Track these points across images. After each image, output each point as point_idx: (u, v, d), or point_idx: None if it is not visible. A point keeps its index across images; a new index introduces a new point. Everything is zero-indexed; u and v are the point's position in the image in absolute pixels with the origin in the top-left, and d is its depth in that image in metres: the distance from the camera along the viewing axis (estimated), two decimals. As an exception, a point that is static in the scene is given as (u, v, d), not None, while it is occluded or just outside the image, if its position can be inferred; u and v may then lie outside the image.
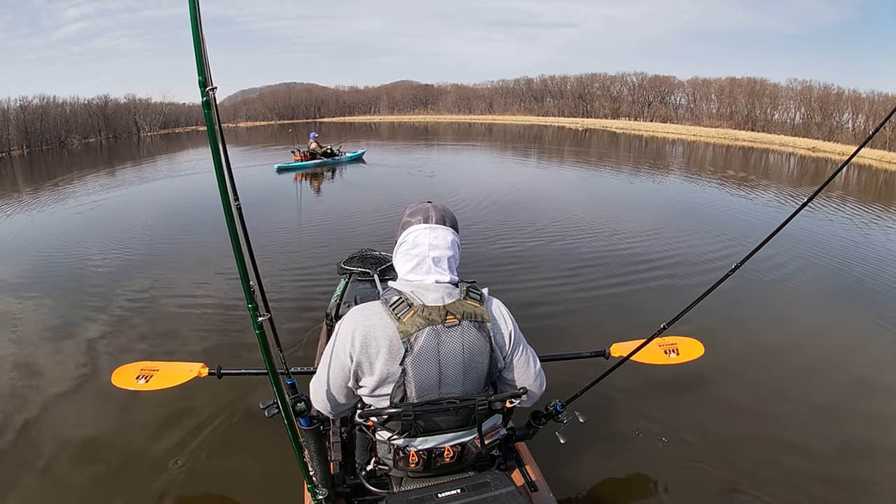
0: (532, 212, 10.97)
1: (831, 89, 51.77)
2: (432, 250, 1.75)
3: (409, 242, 1.78)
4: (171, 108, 70.49)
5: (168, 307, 5.89)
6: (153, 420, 3.75)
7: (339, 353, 1.73)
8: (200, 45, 1.20)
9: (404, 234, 1.80)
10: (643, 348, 2.43)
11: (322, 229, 9.76)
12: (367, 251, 4.35)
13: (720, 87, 61.17)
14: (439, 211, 1.81)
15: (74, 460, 3.40)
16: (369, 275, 3.85)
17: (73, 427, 3.74)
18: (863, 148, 2.22)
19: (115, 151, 35.65)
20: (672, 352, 2.98)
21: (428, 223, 1.77)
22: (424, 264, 1.75)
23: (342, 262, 4.17)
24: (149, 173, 21.60)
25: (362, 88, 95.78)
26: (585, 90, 73.09)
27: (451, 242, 1.79)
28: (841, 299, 6.57)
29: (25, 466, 3.35)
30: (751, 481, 3.25)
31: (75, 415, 3.90)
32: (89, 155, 33.26)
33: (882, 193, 19.25)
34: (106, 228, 10.36)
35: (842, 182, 19.50)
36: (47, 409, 3.97)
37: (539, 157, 27.05)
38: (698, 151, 33.40)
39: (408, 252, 1.78)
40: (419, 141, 37.69)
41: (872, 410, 4.10)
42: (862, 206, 13.79)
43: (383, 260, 4.15)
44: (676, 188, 16.61)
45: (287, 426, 1.67)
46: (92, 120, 54.79)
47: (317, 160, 19.49)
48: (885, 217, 12.58)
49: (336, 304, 3.55)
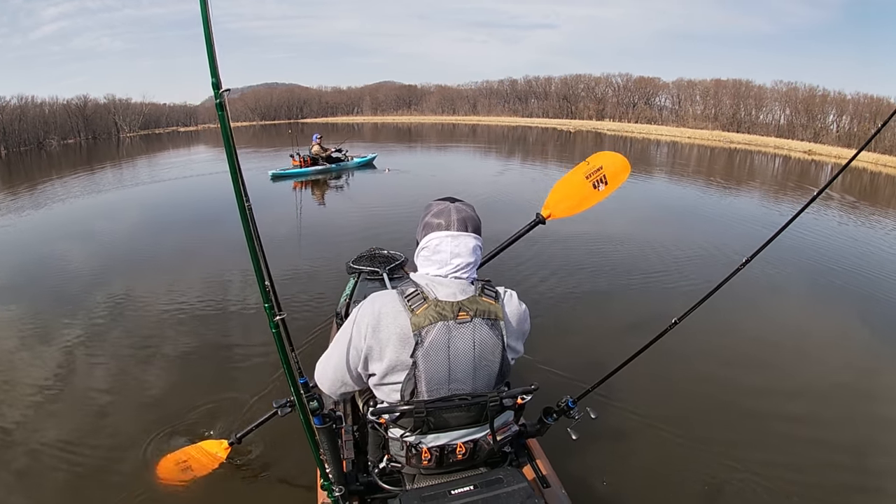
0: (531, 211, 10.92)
1: (816, 91, 52.63)
2: (454, 258, 1.74)
3: (431, 249, 1.76)
4: (152, 108, 69.61)
5: (148, 312, 5.78)
6: (167, 419, 3.77)
7: (354, 335, 1.73)
8: (212, 48, 1.21)
9: (426, 239, 1.78)
10: (573, 191, 2.48)
11: (323, 242, 9.30)
12: (376, 250, 4.38)
13: (705, 88, 61.88)
14: (462, 214, 1.78)
15: (88, 460, 3.39)
16: (378, 274, 3.87)
17: (75, 430, 3.68)
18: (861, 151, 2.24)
19: (94, 153, 35.11)
20: (601, 182, 2.70)
21: (449, 230, 1.75)
22: (444, 269, 1.75)
23: (351, 262, 4.19)
24: (129, 177, 20.56)
25: (345, 89, 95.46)
26: (570, 91, 73.55)
27: (473, 248, 1.77)
28: (833, 295, 6.78)
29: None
30: (768, 478, 3.27)
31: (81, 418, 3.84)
32: (68, 156, 32.76)
33: (867, 193, 19.61)
34: (85, 232, 10.19)
35: (837, 184, 19.76)
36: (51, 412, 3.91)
37: (546, 159, 27.07)
38: (700, 155, 33.78)
39: (429, 258, 1.77)
40: (404, 142, 37.65)
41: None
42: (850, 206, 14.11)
43: (392, 259, 4.18)
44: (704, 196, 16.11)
45: (304, 424, 1.67)
46: (71, 121, 53.93)
47: (319, 166, 17.21)
48: (868, 213, 12.83)
49: (346, 303, 3.59)
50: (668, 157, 30.87)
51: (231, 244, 7.83)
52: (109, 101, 61.64)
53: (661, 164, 26.67)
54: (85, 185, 17.28)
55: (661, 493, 3.20)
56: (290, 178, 16.22)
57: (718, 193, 16.23)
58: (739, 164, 28.75)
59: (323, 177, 16.87)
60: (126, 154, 32.92)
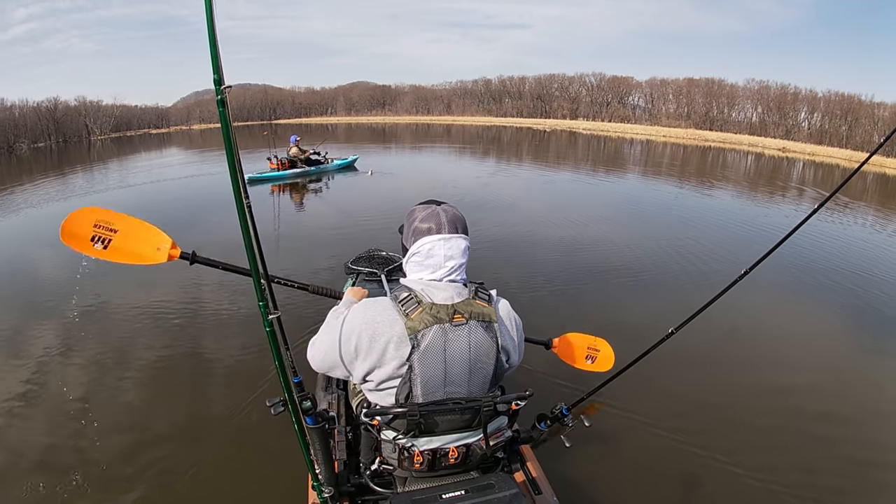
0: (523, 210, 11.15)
1: (788, 89, 53.66)
2: (448, 260, 1.75)
3: (423, 253, 1.76)
4: (123, 110, 68.24)
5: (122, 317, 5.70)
6: (163, 415, 3.82)
7: (345, 340, 1.73)
8: (215, 45, 1.20)
9: (418, 244, 1.77)
10: (575, 347, 2.52)
11: (300, 250, 9.03)
12: (375, 251, 4.37)
13: (678, 87, 62.66)
14: (450, 216, 1.79)
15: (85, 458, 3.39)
16: (377, 275, 3.86)
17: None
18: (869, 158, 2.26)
19: (65, 156, 34.39)
20: (590, 358, 2.95)
21: (441, 233, 1.75)
22: (438, 272, 1.75)
23: (349, 262, 4.19)
24: (100, 181, 19.80)
25: (318, 89, 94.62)
26: (544, 91, 73.94)
27: (464, 249, 1.79)
28: (823, 294, 6.92)
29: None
30: (766, 485, 3.29)
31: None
32: (39, 160, 32.02)
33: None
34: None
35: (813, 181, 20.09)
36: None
37: (531, 159, 27.16)
38: (677, 153, 34.14)
39: (421, 263, 1.77)
40: (379, 143, 37.48)
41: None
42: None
43: (391, 260, 4.18)
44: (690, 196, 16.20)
45: (294, 424, 1.66)
46: (41, 124, 52.77)
47: (298, 169, 16.66)
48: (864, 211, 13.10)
49: None
50: (645, 156, 31.23)
51: (210, 245, 7.67)
52: (80, 103, 60.39)
53: (645, 163, 26.95)
54: (58, 190, 16.82)
55: (655, 502, 3.22)
56: (268, 182, 15.67)
57: (712, 195, 16.20)
58: (724, 164, 29.03)
59: (302, 180, 16.39)
60: (97, 157, 32.20)
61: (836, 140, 44.71)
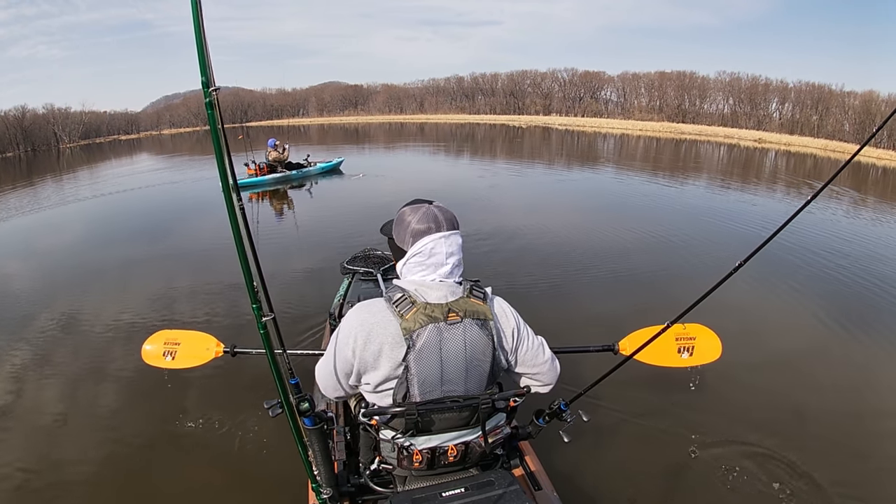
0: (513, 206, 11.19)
1: (759, 80, 54.48)
2: (449, 257, 1.74)
3: (426, 253, 1.73)
4: (92, 117, 66.91)
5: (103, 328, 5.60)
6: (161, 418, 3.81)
7: (341, 349, 1.72)
8: (203, 47, 1.19)
9: (418, 245, 1.74)
10: (654, 343, 2.33)
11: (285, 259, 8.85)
12: (371, 251, 4.37)
13: (650, 80, 63.25)
14: (445, 214, 1.79)
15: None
16: (372, 274, 3.86)
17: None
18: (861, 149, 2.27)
19: (34, 166, 33.75)
20: (686, 351, 2.58)
21: (441, 231, 1.74)
22: (441, 270, 1.74)
23: (345, 262, 4.19)
24: (70, 191, 19.05)
25: (290, 91, 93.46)
26: (517, 87, 74.19)
27: (460, 245, 1.79)
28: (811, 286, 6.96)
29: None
30: (759, 479, 3.29)
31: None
32: (7, 170, 31.33)
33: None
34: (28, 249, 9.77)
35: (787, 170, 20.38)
36: None
37: (509, 157, 27.33)
38: (654, 146, 34.45)
39: (423, 262, 1.74)
40: (353, 143, 37.31)
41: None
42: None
43: (386, 259, 4.17)
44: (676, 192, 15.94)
45: (291, 426, 1.65)
46: (9, 133, 51.70)
47: (278, 174, 15.74)
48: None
49: (339, 303, 3.57)
50: (622, 150, 31.51)
51: (195, 251, 7.66)
52: (48, 111, 59.28)
53: (626, 158, 27.19)
54: (29, 200, 16.39)
55: (653, 496, 3.22)
56: (247, 189, 14.52)
57: (699, 189, 16.19)
58: (702, 156, 29.43)
59: (283, 186, 15.59)
60: (66, 166, 31.65)
61: (808, 129, 45.48)
